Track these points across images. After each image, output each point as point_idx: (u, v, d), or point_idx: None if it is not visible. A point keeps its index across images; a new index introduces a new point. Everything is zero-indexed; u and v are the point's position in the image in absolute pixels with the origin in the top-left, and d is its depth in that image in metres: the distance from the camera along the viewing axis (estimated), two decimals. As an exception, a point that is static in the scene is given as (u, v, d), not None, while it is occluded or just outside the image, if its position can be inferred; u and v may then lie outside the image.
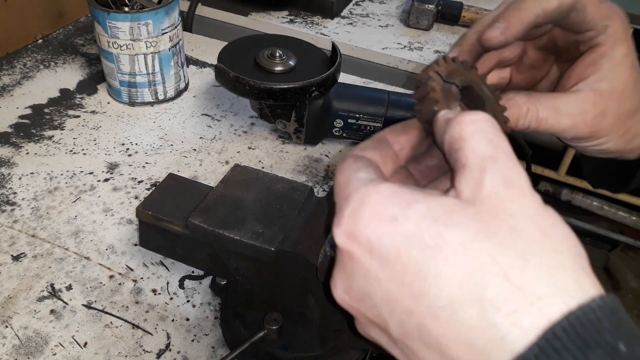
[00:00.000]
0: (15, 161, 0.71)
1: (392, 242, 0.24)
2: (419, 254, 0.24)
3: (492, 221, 0.23)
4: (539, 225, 0.23)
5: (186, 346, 0.52)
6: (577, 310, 0.21)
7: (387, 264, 0.25)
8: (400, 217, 0.25)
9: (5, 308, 0.54)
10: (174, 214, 0.50)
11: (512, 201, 0.24)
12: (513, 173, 0.25)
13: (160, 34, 0.77)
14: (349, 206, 0.26)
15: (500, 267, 0.22)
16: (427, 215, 0.24)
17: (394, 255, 0.24)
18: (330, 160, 0.76)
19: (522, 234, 0.23)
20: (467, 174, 0.25)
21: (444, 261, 0.23)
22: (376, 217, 0.25)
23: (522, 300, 0.21)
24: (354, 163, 0.30)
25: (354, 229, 0.26)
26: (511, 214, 0.23)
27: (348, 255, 0.27)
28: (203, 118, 0.82)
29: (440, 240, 0.23)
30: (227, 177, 0.51)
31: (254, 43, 0.74)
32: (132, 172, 0.71)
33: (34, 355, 0.50)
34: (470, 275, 0.22)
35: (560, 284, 0.22)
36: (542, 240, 0.23)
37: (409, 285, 0.24)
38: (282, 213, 0.47)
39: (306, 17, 1.07)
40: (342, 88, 0.74)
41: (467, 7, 1.06)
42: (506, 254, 0.22)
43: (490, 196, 0.24)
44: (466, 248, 0.23)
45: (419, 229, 0.24)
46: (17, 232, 0.62)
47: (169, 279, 0.58)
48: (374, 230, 0.25)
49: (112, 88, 0.83)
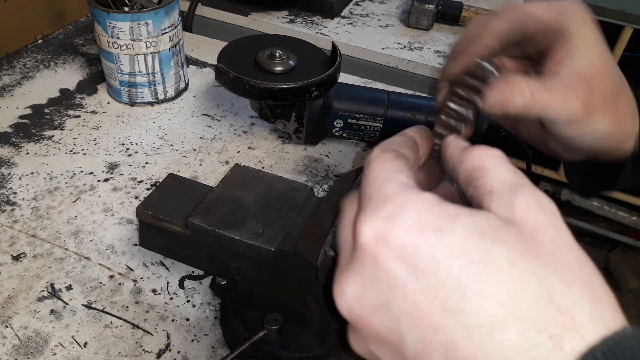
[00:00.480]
0: (15, 161, 0.71)
1: (431, 253, 0.24)
2: (461, 269, 0.23)
3: (535, 243, 0.24)
4: (576, 254, 0.24)
5: (186, 346, 0.52)
6: (614, 337, 0.22)
7: (420, 275, 0.24)
8: (446, 229, 0.24)
9: (5, 308, 0.54)
10: (174, 214, 0.50)
11: (549, 227, 0.24)
12: (544, 199, 0.25)
13: (160, 34, 0.77)
14: (388, 207, 0.25)
15: (546, 289, 0.22)
16: (474, 230, 0.24)
17: (432, 267, 0.23)
18: (330, 160, 0.76)
19: (562, 260, 0.23)
20: (497, 198, 0.25)
21: (489, 277, 0.23)
22: (419, 225, 0.24)
23: (565, 325, 0.22)
24: (396, 160, 0.29)
25: (389, 232, 0.25)
26: (551, 239, 0.24)
27: (372, 259, 0.25)
28: (203, 118, 0.82)
29: (487, 256, 0.23)
30: (227, 177, 0.51)
31: (254, 43, 0.74)
32: (132, 172, 0.71)
33: (34, 355, 0.50)
34: (514, 294, 0.22)
35: (599, 314, 0.22)
36: (580, 270, 0.24)
37: (443, 299, 0.23)
38: (282, 213, 0.47)
39: (306, 17, 1.07)
40: (342, 88, 0.74)
41: (467, 7, 1.06)
42: (551, 277, 0.23)
43: (527, 218, 0.24)
44: (512, 266, 0.23)
45: (464, 243, 0.23)
46: (17, 232, 0.62)
47: (169, 279, 0.58)
48: (413, 238, 0.24)
49: (112, 88, 0.83)
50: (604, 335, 0.22)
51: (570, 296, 0.22)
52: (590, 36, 0.39)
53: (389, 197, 0.26)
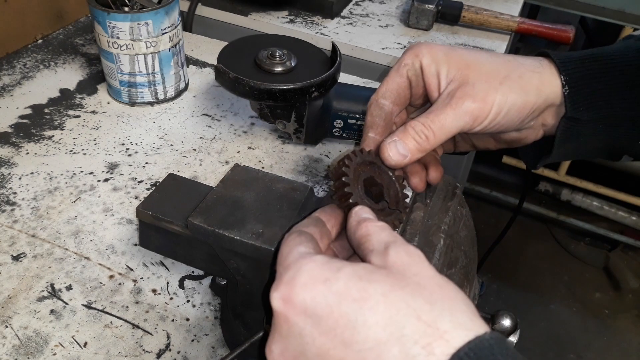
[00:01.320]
0: (15, 161, 0.71)
1: (324, 300, 0.29)
2: (348, 307, 0.28)
3: (402, 278, 0.30)
4: (437, 281, 0.30)
5: (186, 346, 0.52)
6: (475, 340, 0.26)
7: (320, 321, 0.29)
8: (332, 278, 0.29)
9: (5, 308, 0.54)
10: (174, 214, 0.50)
11: (414, 265, 0.30)
12: (411, 249, 0.32)
13: (160, 34, 0.77)
14: (288, 273, 0.31)
15: (413, 310, 0.28)
16: (353, 275, 0.30)
17: (326, 312, 0.29)
18: (330, 160, 0.76)
19: (425, 286, 0.29)
20: (375, 253, 0.32)
21: (369, 310, 0.28)
22: (311, 280, 0.30)
23: (433, 335, 0.27)
24: (297, 237, 0.35)
25: (291, 293, 0.30)
26: (415, 273, 0.30)
27: (284, 318, 0.30)
28: (203, 118, 0.82)
29: (365, 294, 0.28)
30: (227, 177, 0.51)
31: (254, 43, 0.74)
32: (132, 172, 0.71)
33: (34, 355, 0.50)
34: (390, 319, 0.27)
35: (459, 321, 0.27)
36: (441, 291, 0.29)
37: (340, 335, 0.28)
38: (282, 213, 0.47)
39: (306, 17, 1.07)
40: (342, 88, 0.74)
41: (467, 7, 1.06)
42: (416, 300, 0.28)
43: (396, 262, 0.31)
44: (385, 297, 0.28)
45: (347, 286, 0.29)
46: (17, 232, 0.62)
47: (169, 279, 0.58)
48: (309, 291, 0.29)
49: (112, 88, 0.83)
50: (467, 338, 0.27)
51: (434, 311, 0.27)
52: (439, 55, 0.46)
53: (289, 265, 0.32)
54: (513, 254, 2.14)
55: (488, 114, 0.43)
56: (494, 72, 0.44)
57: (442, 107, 0.43)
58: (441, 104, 0.44)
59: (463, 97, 0.43)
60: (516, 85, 0.44)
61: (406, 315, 0.27)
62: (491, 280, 2.03)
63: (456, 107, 0.43)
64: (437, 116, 0.43)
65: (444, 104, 0.44)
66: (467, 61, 0.45)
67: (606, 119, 0.46)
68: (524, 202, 1.32)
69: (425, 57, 0.46)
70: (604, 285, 2.11)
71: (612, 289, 2.10)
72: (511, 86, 0.44)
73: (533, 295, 2.04)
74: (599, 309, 2.01)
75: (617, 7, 1.46)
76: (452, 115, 0.43)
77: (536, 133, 0.49)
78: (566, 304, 2.02)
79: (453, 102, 0.43)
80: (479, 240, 0.56)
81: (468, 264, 0.49)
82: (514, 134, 0.48)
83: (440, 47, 0.46)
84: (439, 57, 0.45)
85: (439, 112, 0.43)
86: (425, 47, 0.46)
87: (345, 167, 0.40)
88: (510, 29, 1.05)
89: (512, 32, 1.06)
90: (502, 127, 0.45)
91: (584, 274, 2.14)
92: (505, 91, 0.43)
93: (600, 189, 2.00)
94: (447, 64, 0.45)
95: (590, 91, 0.45)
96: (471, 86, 0.43)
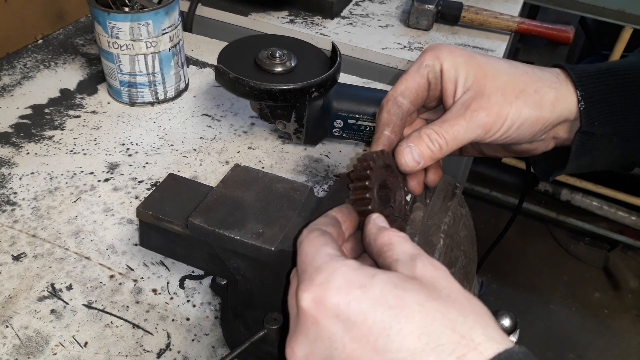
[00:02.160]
0: (16, 161, 0.71)
1: (359, 305, 0.29)
2: (384, 314, 0.28)
3: (434, 289, 0.30)
4: (465, 295, 0.30)
5: (186, 346, 0.52)
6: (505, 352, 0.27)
7: (353, 326, 0.29)
8: (368, 284, 0.30)
9: (6, 308, 0.54)
10: (174, 214, 0.50)
11: (442, 279, 0.31)
12: (436, 262, 0.32)
13: (161, 34, 0.77)
14: (321, 275, 0.31)
15: (449, 321, 0.28)
16: (388, 282, 0.30)
17: (361, 318, 0.29)
18: (330, 160, 0.76)
19: (456, 299, 0.30)
20: (401, 263, 0.32)
21: (405, 318, 0.28)
22: (346, 285, 0.30)
23: (467, 346, 0.27)
24: (321, 237, 0.35)
25: (324, 295, 0.30)
26: (444, 286, 0.30)
27: (313, 320, 0.30)
28: (203, 118, 0.82)
29: (401, 302, 0.29)
30: (227, 177, 0.51)
31: (254, 43, 0.75)
32: (132, 172, 0.71)
33: (34, 355, 0.50)
34: (426, 328, 0.28)
35: (490, 334, 0.28)
36: (470, 305, 0.30)
37: (373, 343, 0.28)
38: (282, 213, 0.47)
39: (306, 17, 1.07)
40: (342, 88, 0.74)
41: (467, 7, 1.06)
42: (451, 312, 0.28)
43: (425, 274, 0.31)
44: (421, 307, 0.28)
45: (383, 293, 0.29)
46: (17, 232, 0.62)
47: (169, 279, 0.58)
48: (344, 296, 0.29)
49: (112, 88, 0.83)
50: (498, 351, 0.27)
51: (467, 324, 0.28)
52: (459, 60, 0.45)
53: (321, 267, 0.32)
54: (513, 254, 2.15)
55: (500, 127, 0.43)
56: (511, 84, 0.44)
57: (456, 118, 0.43)
58: (455, 114, 0.44)
59: (477, 110, 0.43)
60: (531, 100, 0.44)
61: (442, 325, 0.28)
62: (491, 280, 2.03)
63: (470, 120, 0.43)
64: (451, 126, 0.43)
65: (458, 114, 0.44)
66: (485, 71, 0.45)
67: (621, 134, 0.46)
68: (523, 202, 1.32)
69: (446, 60, 0.45)
70: (604, 285, 2.11)
71: (612, 289, 2.10)
72: (526, 101, 0.44)
73: (533, 295, 2.04)
74: (598, 308, 2.01)
75: (617, 7, 1.47)
76: (465, 127, 0.43)
77: (547, 145, 0.49)
78: (566, 304, 2.02)
79: (467, 114, 0.43)
80: (479, 240, 0.56)
81: (468, 264, 0.49)
82: (524, 145, 0.48)
83: (461, 52, 0.46)
84: (459, 63, 0.45)
85: (453, 122, 0.43)
86: (447, 51, 0.46)
87: (370, 171, 0.40)
88: (510, 29, 1.05)
89: (512, 32, 1.06)
90: (514, 139, 0.45)
91: (584, 274, 2.14)
92: (519, 106, 0.43)
93: (600, 189, 2.00)
94: (466, 71, 0.45)
95: (606, 106, 0.45)
96: (486, 99, 0.43)
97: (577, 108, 0.45)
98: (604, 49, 2.20)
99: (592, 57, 2.29)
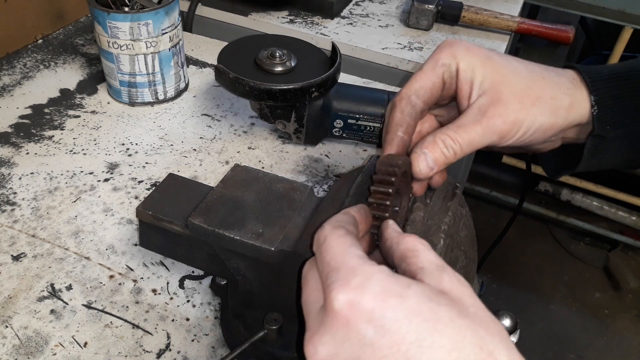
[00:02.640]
0: (15, 161, 0.71)
1: (395, 314, 0.29)
2: (418, 326, 0.29)
3: (462, 306, 0.30)
4: (489, 314, 0.31)
5: (186, 346, 0.52)
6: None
7: (386, 334, 0.29)
8: (404, 295, 0.30)
9: (6, 308, 0.54)
10: (174, 214, 0.50)
11: (468, 296, 0.31)
12: (460, 277, 0.32)
13: (160, 34, 0.77)
14: (356, 278, 0.31)
15: (478, 339, 0.29)
16: (422, 294, 0.30)
17: (395, 327, 0.29)
18: (330, 160, 0.76)
19: (483, 319, 0.30)
20: (428, 274, 0.32)
21: (438, 332, 0.29)
22: (384, 292, 0.30)
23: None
24: (348, 236, 0.35)
25: (361, 299, 0.30)
26: (472, 304, 0.31)
27: (345, 322, 0.30)
28: (203, 118, 0.82)
29: (435, 316, 0.29)
30: (227, 177, 0.51)
31: (254, 43, 0.74)
32: (132, 172, 0.71)
33: (34, 355, 0.50)
34: (456, 344, 0.28)
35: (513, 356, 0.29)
36: (494, 325, 0.30)
37: (405, 352, 0.28)
38: (282, 213, 0.47)
39: (306, 17, 1.07)
40: (342, 88, 0.74)
41: (467, 7, 1.06)
42: (479, 330, 0.29)
43: (452, 289, 0.31)
44: (453, 322, 0.29)
45: (418, 305, 0.29)
46: (17, 232, 0.62)
47: (169, 279, 0.58)
48: (380, 302, 0.30)
49: (112, 88, 0.83)
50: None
51: (494, 343, 0.29)
52: (476, 61, 0.44)
53: (355, 270, 0.31)
54: (513, 254, 2.14)
55: (515, 134, 0.43)
56: (527, 90, 0.43)
57: (472, 124, 0.43)
58: (471, 119, 0.43)
59: (494, 117, 0.43)
60: (547, 107, 0.44)
61: (471, 343, 0.28)
62: (491, 280, 2.03)
63: (486, 127, 0.43)
64: (467, 132, 0.43)
65: (474, 120, 0.43)
66: (503, 74, 0.44)
67: (632, 136, 0.46)
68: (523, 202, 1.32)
69: (462, 60, 0.44)
70: (604, 285, 2.11)
71: (612, 289, 2.10)
72: (542, 108, 0.43)
73: (533, 295, 2.04)
74: (599, 309, 2.01)
75: (617, 7, 1.46)
76: (481, 134, 0.43)
77: (554, 144, 0.49)
78: (566, 304, 2.02)
79: (484, 120, 0.43)
80: (479, 240, 0.56)
81: (468, 264, 0.49)
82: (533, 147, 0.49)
83: (478, 50, 0.45)
84: (476, 63, 0.44)
85: (469, 128, 0.43)
86: (463, 49, 0.45)
87: (395, 178, 0.39)
88: (510, 29, 1.05)
89: (512, 32, 1.06)
90: (526, 143, 0.45)
91: (584, 274, 2.14)
92: (535, 113, 0.43)
93: (600, 189, 2.00)
94: (483, 74, 0.44)
95: (618, 110, 0.45)
96: (503, 106, 0.43)
97: (589, 113, 0.45)
98: (604, 49, 2.20)
99: (592, 57, 2.29)
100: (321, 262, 0.34)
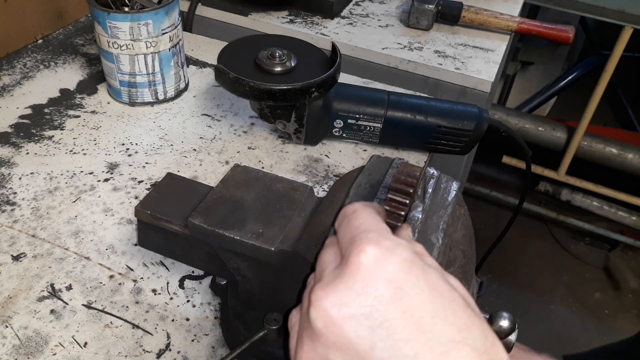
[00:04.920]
0: (15, 161, 0.71)
1: (417, 282, 0.31)
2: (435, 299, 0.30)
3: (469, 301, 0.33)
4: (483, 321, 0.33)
5: (186, 346, 0.52)
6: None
7: (404, 297, 0.30)
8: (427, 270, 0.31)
9: (5, 308, 0.54)
10: (173, 214, 0.50)
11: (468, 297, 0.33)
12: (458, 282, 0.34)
13: (160, 34, 0.77)
14: (388, 241, 0.31)
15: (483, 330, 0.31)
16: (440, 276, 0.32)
17: (414, 292, 0.30)
18: (330, 160, 0.76)
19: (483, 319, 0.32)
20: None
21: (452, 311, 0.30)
22: (410, 261, 0.31)
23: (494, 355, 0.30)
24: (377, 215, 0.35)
25: (387, 259, 0.31)
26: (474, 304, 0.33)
27: (366, 276, 0.30)
28: (203, 118, 0.82)
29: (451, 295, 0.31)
30: (227, 177, 0.51)
31: (254, 43, 0.74)
32: (132, 172, 0.71)
33: (34, 355, 0.50)
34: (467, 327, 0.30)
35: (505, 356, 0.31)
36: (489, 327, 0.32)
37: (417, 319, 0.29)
38: (282, 213, 0.47)
39: (306, 17, 1.07)
40: (342, 88, 0.74)
41: (467, 7, 1.06)
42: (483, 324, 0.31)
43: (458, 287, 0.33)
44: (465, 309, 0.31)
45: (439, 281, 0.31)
46: (17, 232, 0.62)
47: (169, 279, 0.58)
48: (406, 268, 0.31)
49: (112, 88, 0.83)
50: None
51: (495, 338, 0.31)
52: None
53: (387, 234, 0.33)
54: (513, 254, 2.14)
55: None
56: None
57: None
58: None
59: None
60: None
61: (478, 330, 0.30)
62: (491, 280, 2.03)
63: None
64: None
65: None
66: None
67: None
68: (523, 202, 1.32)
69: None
70: (604, 285, 2.10)
71: (612, 289, 2.10)
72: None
73: (533, 295, 2.04)
74: (599, 309, 2.01)
75: (617, 7, 1.47)
76: None
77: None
78: (566, 304, 2.02)
79: None
80: (479, 241, 0.56)
81: (466, 264, 0.49)
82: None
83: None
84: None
85: None
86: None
87: (413, 189, 0.40)
88: (510, 29, 1.05)
89: (512, 32, 1.06)
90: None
91: (584, 274, 2.14)
92: None
93: (600, 189, 2.00)
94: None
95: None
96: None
97: None
98: (604, 49, 2.20)
99: (592, 57, 2.29)
100: (348, 227, 0.34)
